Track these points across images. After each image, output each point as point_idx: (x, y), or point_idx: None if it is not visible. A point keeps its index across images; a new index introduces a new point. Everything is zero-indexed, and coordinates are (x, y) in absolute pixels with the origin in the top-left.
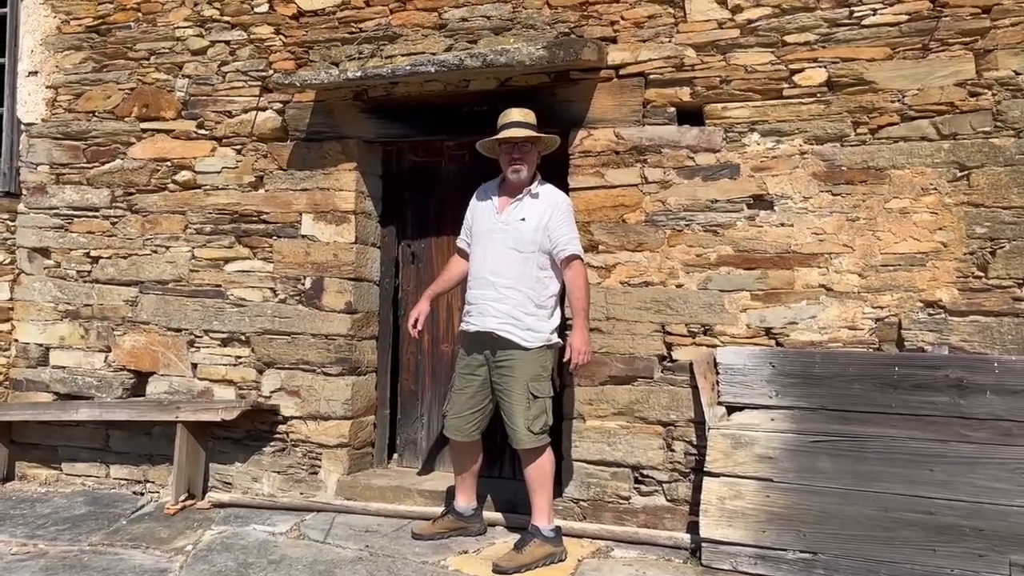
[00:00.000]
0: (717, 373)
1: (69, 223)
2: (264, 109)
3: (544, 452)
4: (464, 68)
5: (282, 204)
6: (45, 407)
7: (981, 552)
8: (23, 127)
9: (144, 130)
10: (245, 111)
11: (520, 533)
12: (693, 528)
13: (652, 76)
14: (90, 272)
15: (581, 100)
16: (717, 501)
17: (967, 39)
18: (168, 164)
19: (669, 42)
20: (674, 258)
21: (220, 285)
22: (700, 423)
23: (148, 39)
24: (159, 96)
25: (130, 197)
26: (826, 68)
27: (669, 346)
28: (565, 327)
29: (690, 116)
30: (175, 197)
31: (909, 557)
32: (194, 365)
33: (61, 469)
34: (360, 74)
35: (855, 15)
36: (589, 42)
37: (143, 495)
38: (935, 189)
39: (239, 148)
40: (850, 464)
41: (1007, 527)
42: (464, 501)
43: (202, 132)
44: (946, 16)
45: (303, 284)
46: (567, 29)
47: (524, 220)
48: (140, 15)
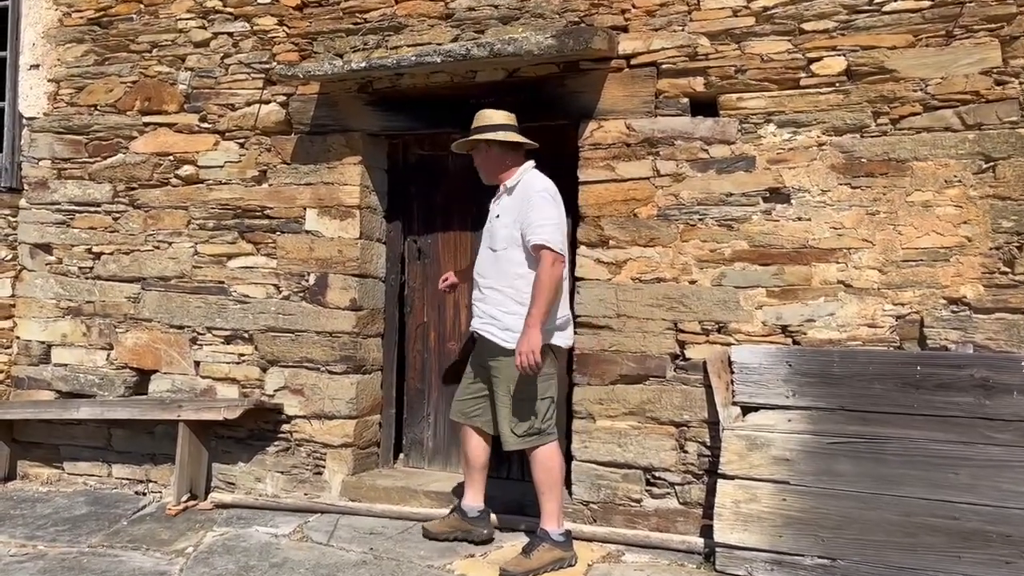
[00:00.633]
0: (732, 372)
1: (71, 219)
2: (267, 102)
3: (547, 454)
4: (471, 58)
5: (286, 199)
6: (46, 406)
7: (1008, 558)
8: (25, 121)
9: (146, 124)
10: (248, 104)
11: (529, 536)
12: (707, 532)
13: (664, 66)
14: (92, 268)
15: (591, 91)
16: (732, 504)
17: (993, 25)
18: (170, 158)
19: (682, 31)
20: (687, 253)
21: (223, 281)
22: (714, 424)
23: (150, 31)
24: (161, 89)
25: (132, 192)
26: (845, 56)
27: (682, 344)
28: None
29: (704, 107)
30: (177, 192)
31: (932, 564)
32: (197, 363)
33: (63, 468)
34: (365, 65)
35: (875, 1)
36: (600, 31)
37: (145, 495)
38: (959, 181)
39: (242, 142)
40: (870, 467)
41: None
42: (470, 499)
43: (205, 126)
44: (970, 2)
45: (307, 280)
46: (577, 18)
47: (499, 217)
48: (142, 7)
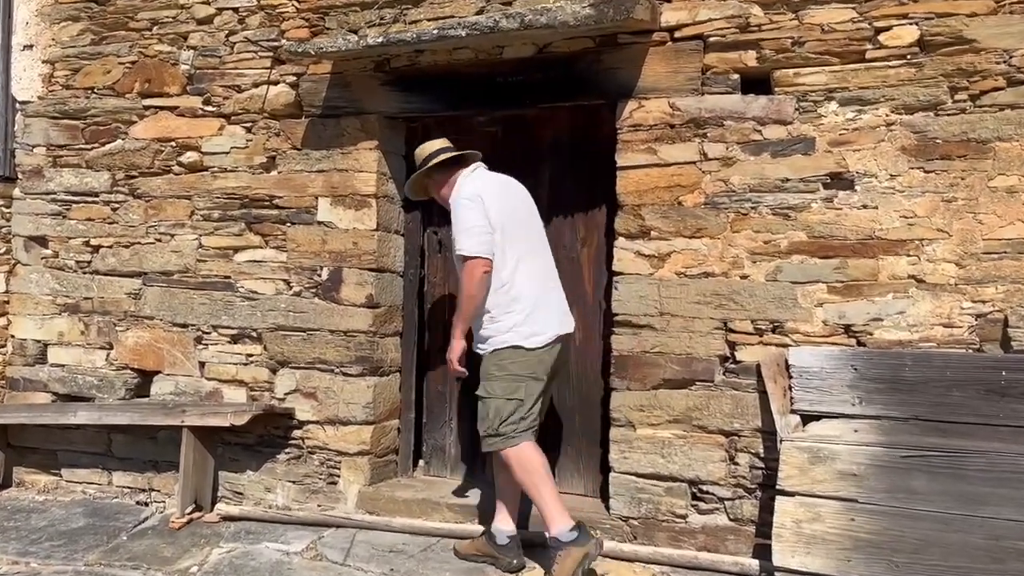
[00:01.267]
0: (789, 377)
1: (67, 209)
2: (276, 83)
3: (520, 453)
4: (499, 31)
5: (296, 187)
6: (41, 409)
7: None
8: (18, 105)
9: (146, 107)
10: (255, 85)
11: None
12: (760, 552)
13: (712, 39)
14: (90, 262)
15: (630, 67)
16: (792, 524)
17: None
18: (172, 144)
19: None
20: (738, 245)
21: (229, 276)
22: (769, 433)
23: (150, 7)
24: (162, 70)
25: (132, 181)
26: (918, 25)
27: (732, 345)
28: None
29: (756, 84)
30: (180, 180)
31: None
32: (202, 364)
33: (61, 475)
34: (382, 40)
35: None
36: (641, 0)
37: (147, 505)
38: None
39: (249, 126)
40: (949, 484)
41: None
42: (500, 521)
43: (209, 109)
44: None
45: (320, 275)
46: None
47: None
48: None
